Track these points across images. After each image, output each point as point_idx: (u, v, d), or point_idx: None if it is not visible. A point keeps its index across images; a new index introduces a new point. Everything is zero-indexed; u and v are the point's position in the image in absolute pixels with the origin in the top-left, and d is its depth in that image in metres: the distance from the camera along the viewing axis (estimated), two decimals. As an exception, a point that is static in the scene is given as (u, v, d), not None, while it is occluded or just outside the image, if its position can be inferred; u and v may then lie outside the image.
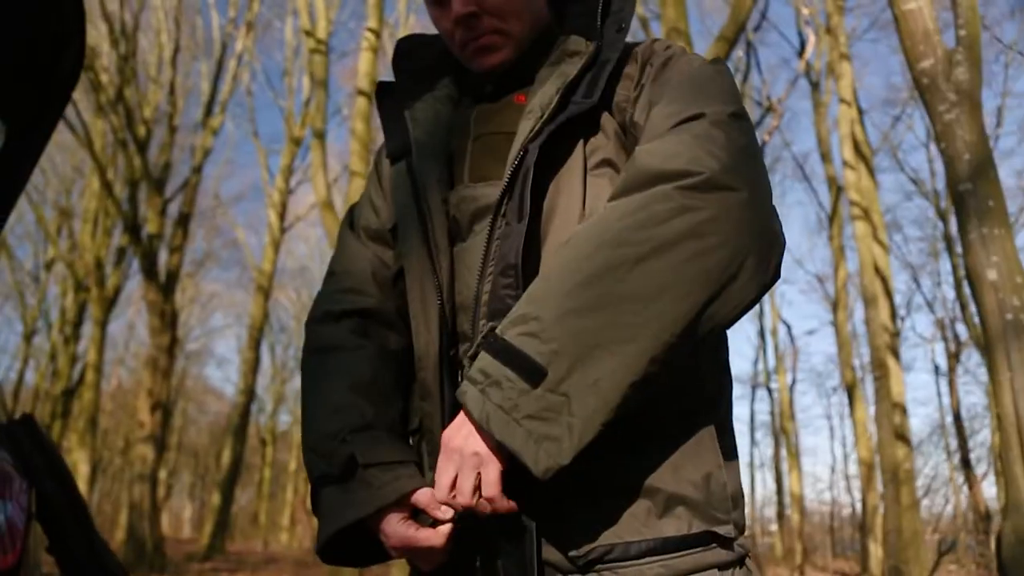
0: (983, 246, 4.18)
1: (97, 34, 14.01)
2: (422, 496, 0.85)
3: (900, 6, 4.87)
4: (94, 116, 14.84)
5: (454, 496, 0.79)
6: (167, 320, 12.80)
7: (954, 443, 19.19)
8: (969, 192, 4.31)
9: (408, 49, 1.11)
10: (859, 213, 10.85)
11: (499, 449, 0.75)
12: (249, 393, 16.57)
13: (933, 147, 19.10)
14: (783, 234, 0.83)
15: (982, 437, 19.57)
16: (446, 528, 0.84)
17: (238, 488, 26.66)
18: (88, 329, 16.41)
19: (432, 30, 1.08)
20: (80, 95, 14.36)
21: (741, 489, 0.89)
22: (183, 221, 14.32)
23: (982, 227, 4.20)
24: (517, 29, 0.97)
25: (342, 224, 1.12)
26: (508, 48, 0.99)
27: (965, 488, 18.06)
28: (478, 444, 0.76)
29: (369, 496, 0.85)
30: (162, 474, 24.45)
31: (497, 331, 0.77)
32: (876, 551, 13.56)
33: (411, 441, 0.98)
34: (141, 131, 13.32)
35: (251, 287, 21.43)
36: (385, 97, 1.09)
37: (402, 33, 17.07)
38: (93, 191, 16.83)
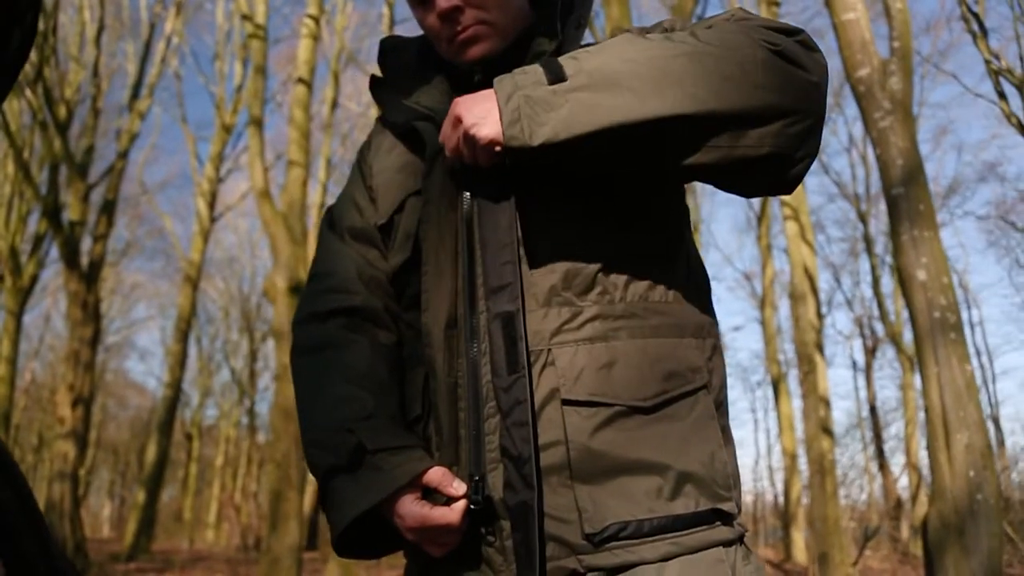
0: (913, 247, 4.42)
1: (15, 9, 13.22)
2: (434, 475, 0.87)
3: (839, 16, 5.09)
4: (10, 94, 14.05)
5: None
6: (89, 311, 12.26)
7: (870, 435, 20.17)
8: (901, 196, 4.54)
9: (392, 47, 1.12)
10: (790, 213, 11.26)
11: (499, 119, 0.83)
12: (176, 387, 16.03)
13: (855, 152, 19.97)
14: (817, 143, 0.88)
15: (896, 429, 20.64)
16: (461, 504, 0.85)
17: (161, 485, 25.76)
18: (2, 320, 15.56)
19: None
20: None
21: (738, 470, 0.92)
22: (107, 208, 13.71)
23: (913, 229, 4.44)
24: (500, 20, 0.99)
25: (321, 226, 1.11)
26: (493, 39, 1.00)
27: (879, 477, 19.01)
28: (486, 104, 0.85)
29: (382, 480, 0.86)
30: (80, 472, 23.41)
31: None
32: (799, 539, 14.14)
33: (412, 430, 0.97)
34: (62, 112, 12.68)
35: (176, 278, 20.75)
36: (379, 88, 1.11)
37: (338, 22, 16.76)
38: (7, 174, 15.94)
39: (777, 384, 15.72)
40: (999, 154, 40.50)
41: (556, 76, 0.83)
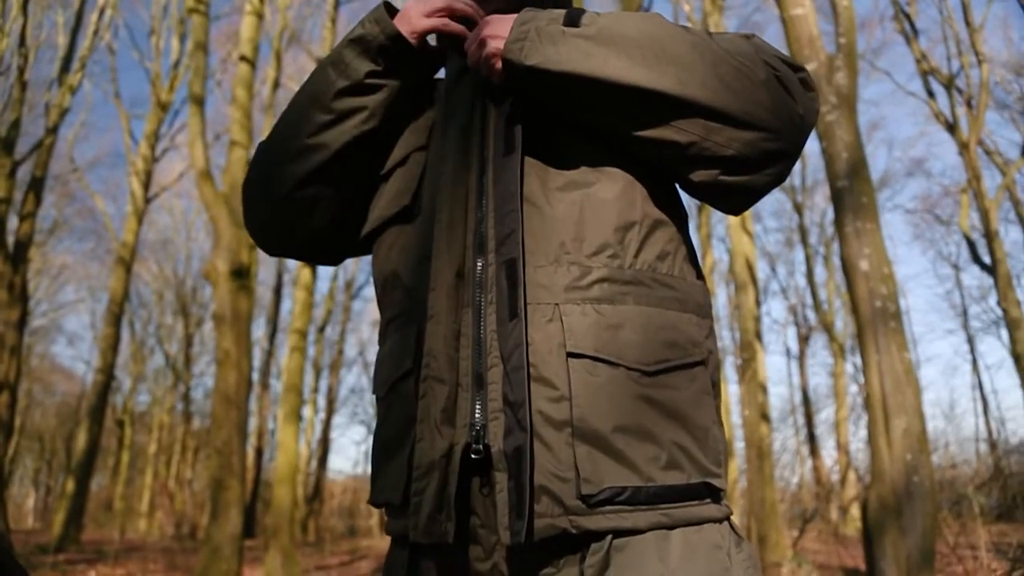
0: (857, 239, 4.58)
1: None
2: None
3: (788, 11, 5.20)
4: (-73, 64, 13.25)
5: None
6: (16, 293, 11.72)
7: (802, 420, 20.90)
8: (845, 188, 4.69)
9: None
10: (732, 204, 11.52)
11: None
12: (108, 372, 15.47)
13: (793, 145, 20.50)
14: (783, 173, 0.94)
15: (826, 414, 21.43)
16: None
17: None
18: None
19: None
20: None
21: (724, 453, 0.93)
22: (35, 185, 13.09)
23: (856, 221, 4.59)
24: None
25: None
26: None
27: (810, 460, 19.73)
28: (507, 24, 0.94)
29: None
30: (3, 460, 22.37)
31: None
32: (735, 521, 14.57)
33: (395, 389, 0.96)
34: (-15, 84, 12.03)
35: (107, 259, 20.00)
36: None
37: (282, 0, 16.29)
38: (-76, 148, 15.04)
39: (716, 371, 16.10)
40: (926, 150, 42.33)
41: (572, 22, 0.90)
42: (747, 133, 0.87)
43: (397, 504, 0.91)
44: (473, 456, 0.84)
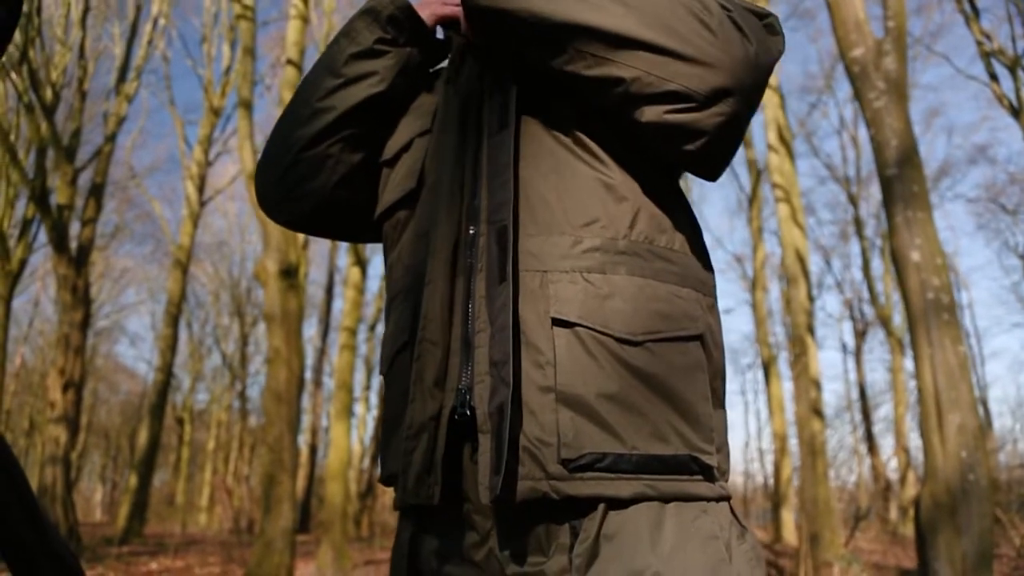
0: (907, 229, 4.42)
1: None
2: None
3: (834, -5, 5.05)
4: (-6, 76, 13.85)
5: None
6: (79, 295, 12.18)
7: (859, 417, 20.35)
8: (895, 177, 4.53)
9: None
10: (781, 196, 11.26)
11: None
12: (167, 371, 16.00)
13: (846, 134, 19.99)
14: (736, 115, 0.89)
15: (884, 411, 20.82)
16: None
17: (153, 469, 25.72)
18: (-11, 305, 15.42)
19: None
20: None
21: (725, 437, 0.91)
22: (95, 191, 13.59)
23: (907, 211, 4.43)
24: None
25: None
26: None
27: (868, 459, 19.21)
28: None
29: None
30: (72, 456, 23.34)
31: None
32: (789, 520, 14.27)
33: (395, 364, 0.97)
34: (48, 95, 12.51)
35: (166, 262, 20.63)
36: None
37: (327, 4, 16.57)
38: (-7, 158, 15.75)
39: (768, 366, 15.81)
40: (990, 136, 40.57)
41: None
42: (690, 67, 0.84)
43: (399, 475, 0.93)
44: (457, 418, 0.85)
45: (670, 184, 0.97)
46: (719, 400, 0.92)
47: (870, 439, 19.47)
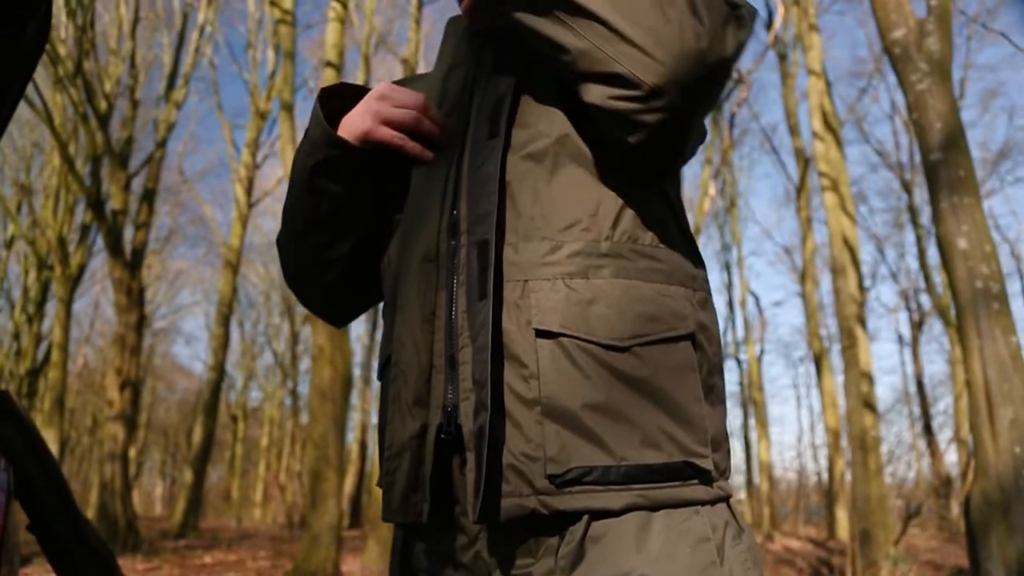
0: (954, 215, 4.25)
1: (55, 4, 13.50)
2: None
3: (873, -25, 4.88)
4: (53, 90, 14.37)
5: None
6: (134, 297, 12.57)
7: (917, 410, 19.74)
8: (940, 162, 4.36)
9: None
10: (828, 184, 10.96)
11: None
12: (219, 370, 16.41)
13: (898, 119, 19.36)
14: (683, 107, 0.83)
15: (944, 404, 20.15)
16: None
17: (210, 465, 26.47)
18: (52, 308, 16.07)
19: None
20: (38, 68, 13.87)
21: (724, 434, 0.88)
22: (148, 197, 14.01)
23: (952, 196, 4.26)
24: None
25: None
26: None
27: (927, 454, 18.61)
28: None
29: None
30: (132, 452, 24.16)
31: None
32: (843, 516, 13.92)
33: (384, 377, 0.96)
34: (102, 105, 12.93)
35: (218, 263, 21.14)
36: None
37: (368, 5, 16.75)
38: (54, 167, 16.38)
39: (819, 360, 15.43)
40: (1055, 117, 38.87)
41: None
42: (638, 53, 0.80)
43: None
44: (443, 436, 0.84)
45: (654, 178, 0.93)
46: (718, 396, 0.89)
47: (929, 433, 18.87)
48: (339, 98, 1.01)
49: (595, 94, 0.84)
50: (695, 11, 0.80)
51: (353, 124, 0.96)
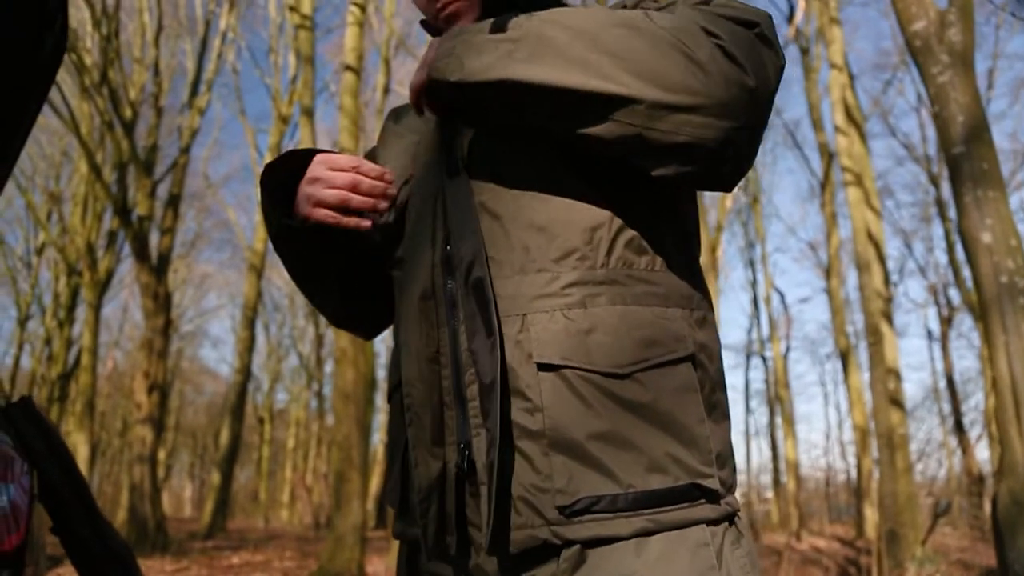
0: (977, 209, 4.18)
1: (80, 15, 13.77)
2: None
3: (892, -33, 4.81)
4: (79, 99, 14.64)
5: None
6: (160, 302, 12.76)
7: (947, 407, 19.42)
8: (963, 155, 4.29)
9: None
10: (851, 179, 10.82)
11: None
12: (245, 372, 16.60)
13: (924, 111, 19.06)
14: (748, 148, 0.85)
15: (975, 401, 19.80)
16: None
17: (238, 466, 26.76)
18: (82, 313, 16.37)
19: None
20: (65, 77, 14.16)
21: (729, 450, 0.89)
22: (173, 202, 14.21)
23: (976, 190, 4.19)
24: None
25: None
26: (472, 11, 1.02)
27: (958, 451, 18.29)
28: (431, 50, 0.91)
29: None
30: (161, 455, 24.51)
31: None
32: (872, 515, 13.73)
33: (392, 399, 1.00)
34: (127, 113, 13.15)
35: (243, 267, 21.38)
36: None
37: (387, 8, 16.84)
38: (82, 175, 16.68)
39: (846, 356, 15.24)
40: (1088, 107, 37.97)
41: (499, 28, 0.85)
42: (696, 116, 0.79)
43: (397, 511, 0.98)
44: (458, 472, 0.86)
45: (652, 197, 0.93)
46: (722, 413, 0.90)
47: (960, 430, 18.54)
48: (289, 164, 1.01)
49: (665, 169, 0.85)
50: (728, 54, 0.80)
51: (298, 206, 0.97)
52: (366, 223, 0.94)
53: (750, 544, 0.87)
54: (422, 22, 1.10)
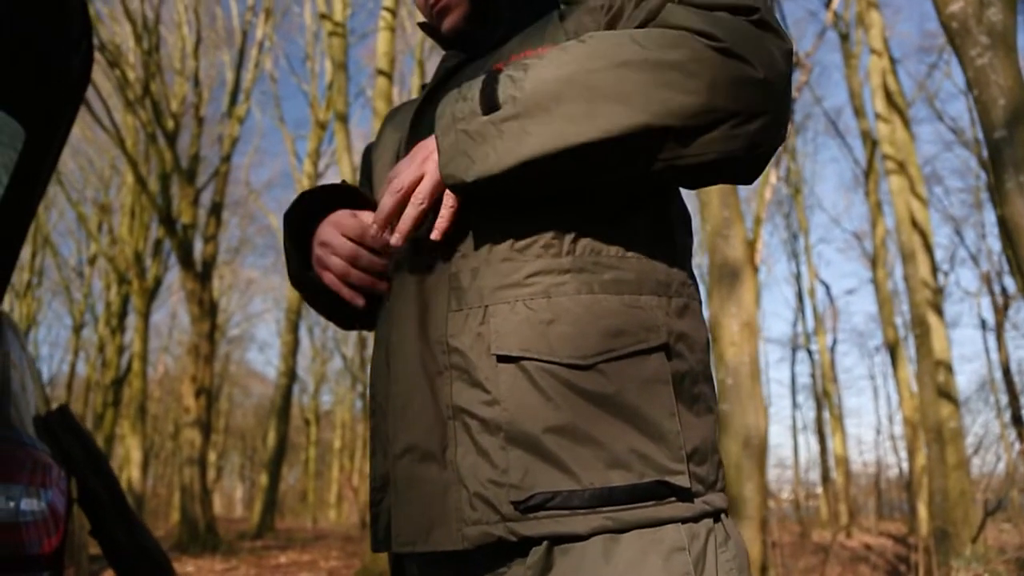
0: (1020, 195, 4.04)
1: (122, 32, 14.18)
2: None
3: (928, -51, 4.67)
4: (124, 113, 15.07)
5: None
6: (206, 308, 13.06)
7: (1004, 399, 18.79)
8: (1005, 140, 4.15)
9: None
10: (894, 167, 10.54)
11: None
12: (290, 375, 16.89)
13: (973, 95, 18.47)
14: (775, 139, 0.82)
15: (1033, 391, 19.09)
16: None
17: (286, 467, 27.24)
18: (133, 320, 16.85)
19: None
20: (109, 93, 14.59)
21: (711, 445, 0.85)
22: (215, 210, 14.53)
23: (1019, 175, 4.04)
24: None
25: None
26: (461, 6, 1.02)
27: (1017, 444, 17.69)
28: (432, 144, 0.86)
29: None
30: (212, 457, 25.08)
31: (504, 68, 0.83)
32: (924, 511, 13.37)
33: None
34: (170, 124, 13.49)
35: (286, 272, 21.76)
36: None
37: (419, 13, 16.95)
38: (128, 186, 17.18)
39: (894, 349, 14.86)
40: None
41: (490, 103, 0.81)
42: (716, 131, 0.77)
43: None
44: None
45: (627, 183, 0.89)
46: (704, 406, 0.86)
47: (1017, 423, 17.94)
48: (307, 206, 1.04)
49: (702, 183, 0.86)
50: (728, 53, 0.77)
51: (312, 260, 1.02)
52: (359, 300, 0.95)
53: (739, 546, 0.83)
54: (420, 24, 1.09)
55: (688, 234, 0.96)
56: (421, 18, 1.16)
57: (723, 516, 0.83)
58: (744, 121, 0.77)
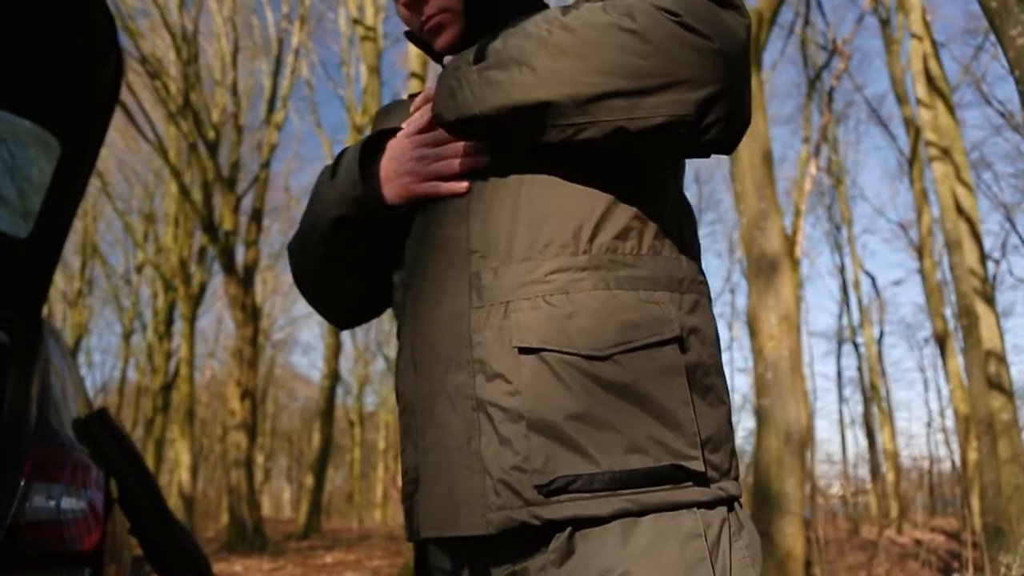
0: (1066, 178, 3.91)
1: (162, 44, 14.55)
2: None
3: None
4: (166, 124, 15.46)
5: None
6: (248, 312, 13.33)
7: (1061, 389, 18.14)
8: (1048, 121, 4.03)
9: None
10: (937, 154, 10.25)
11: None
12: (333, 377, 17.15)
13: None
14: (730, 109, 0.84)
15: (1092, 381, 18.40)
16: None
17: (332, 469, 27.65)
18: (180, 326, 17.27)
19: None
20: (152, 105, 14.97)
21: (726, 434, 0.88)
22: (256, 216, 14.82)
23: (1064, 158, 3.92)
24: (458, 4, 1.02)
25: None
26: (455, 24, 1.03)
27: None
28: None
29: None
30: (259, 459, 25.60)
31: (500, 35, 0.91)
32: (978, 507, 12.99)
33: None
34: (210, 134, 13.80)
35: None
36: None
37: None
38: (172, 195, 17.61)
39: (943, 340, 14.47)
40: None
41: (479, 55, 0.89)
42: (667, 94, 0.81)
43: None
44: None
45: (636, 182, 0.93)
46: (717, 396, 0.90)
47: (1077, 415, 17.31)
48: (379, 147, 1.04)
49: (656, 147, 0.87)
50: (685, 26, 0.81)
51: (391, 183, 0.99)
52: (463, 185, 0.95)
53: (752, 536, 0.85)
54: (406, 33, 1.12)
55: (696, 234, 1.00)
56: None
57: (737, 505, 0.86)
58: (694, 88, 0.81)
